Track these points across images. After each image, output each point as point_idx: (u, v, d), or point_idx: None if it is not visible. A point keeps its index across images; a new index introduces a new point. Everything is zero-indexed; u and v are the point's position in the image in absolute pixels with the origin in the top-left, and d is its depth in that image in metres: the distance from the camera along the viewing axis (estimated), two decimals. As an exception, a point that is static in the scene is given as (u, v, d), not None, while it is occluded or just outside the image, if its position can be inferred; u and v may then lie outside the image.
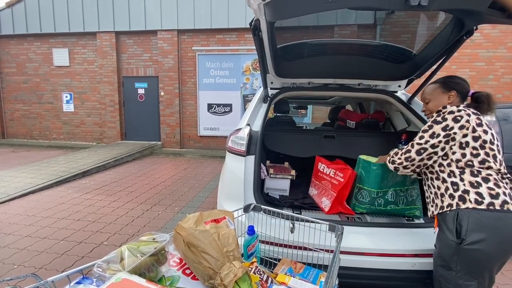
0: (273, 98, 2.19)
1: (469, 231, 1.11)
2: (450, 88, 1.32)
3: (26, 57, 8.46)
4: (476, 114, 1.23)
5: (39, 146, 8.20)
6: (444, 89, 1.33)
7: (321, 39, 1.99)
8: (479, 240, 1.10)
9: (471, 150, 1.19)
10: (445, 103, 1.32)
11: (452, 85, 1.33)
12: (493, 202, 1.12)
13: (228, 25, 7.21)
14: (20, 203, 3.66)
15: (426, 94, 1.39)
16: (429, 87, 1.40)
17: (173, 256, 0.89)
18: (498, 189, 1.14)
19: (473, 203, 1.13)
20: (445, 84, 1.34)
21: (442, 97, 1.33)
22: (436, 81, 1.41)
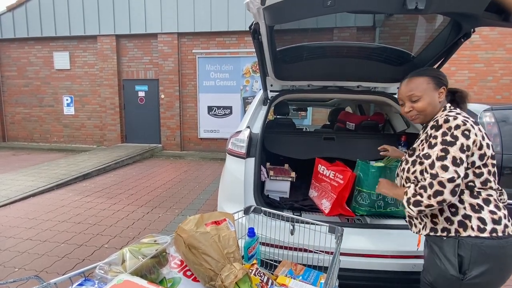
0: (273, 101, 2.20)
1: (472, 264, 0.98)
2: (441, 84, 1.10)
3: (27, 60, 8.50)
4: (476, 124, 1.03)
5: (39, 149, 8.22)
6: (435, 85, 1.10)
7: (320, 42, 2.01)
8: (482, 272, 0.97)
9: (474, 170, 1.02)
10: (436, 101, 1.10)
11: (443, 80, 1.11)
12: (495, 228, 0.99)
13: (228, 28, 7.25)
14: (21, 206, 3.67)
15: (415, 90, 1.10)
16: (416, 81, 1.11)
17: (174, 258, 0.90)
18: (499, 212, 1.01)
19: (476, 231, 0.98)
20: (436, 80, 1.10)
21: (434, 95, 1.10)
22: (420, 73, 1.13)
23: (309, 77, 2.19)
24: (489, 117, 2.75)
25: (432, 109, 1.11)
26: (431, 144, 1.01)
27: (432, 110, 1.11)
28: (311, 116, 7.51)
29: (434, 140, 1.00)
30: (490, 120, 2.73)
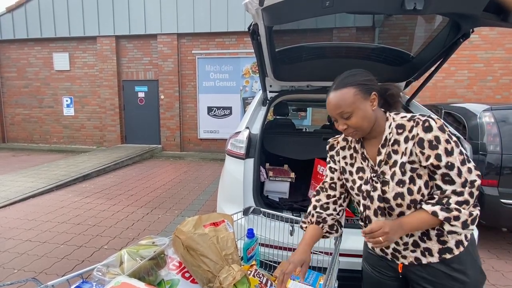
0: (272, 101, 2.20)
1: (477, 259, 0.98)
2: (369, 90, 0.92)
3: (27, 61, 8.51)
4: None
5: (39, 150, 8.21)
6: (364, 94, 0.91)
7: (320, 42, 2.01)
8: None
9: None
10: (370, 112, 0.92)
11: (371, 85, 0.93)
12: None
13: (228, 28, 7.26)
14: (21, 207, 3.67)
15: (343, 107, 0.90)
16: (342, 95, 0.91)
17: (173, 260, 0.89)
18: None
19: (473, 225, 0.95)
20: (362, 87, 0.91)
21: (366, 105, 0.91)
22: (344, 84, 0.92)
23: (308, 78, 2.19)
24: (488, 117, 2.75)
25: (368, 122, 0.92)
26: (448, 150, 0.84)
27: (370, 122, 0.93)
28: (311, 117, 7.52)
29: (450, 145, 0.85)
30: (490, 120, 2.73)
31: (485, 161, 2.64)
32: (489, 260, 2.51)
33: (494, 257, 2.57)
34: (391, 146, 0.92)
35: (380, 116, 0.95)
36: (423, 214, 0.86)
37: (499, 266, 2.41)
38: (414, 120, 0.89)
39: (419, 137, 0.86)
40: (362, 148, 1.00)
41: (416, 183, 0.89)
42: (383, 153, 0.93)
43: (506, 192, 2.55)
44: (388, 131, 0.93)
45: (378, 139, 0.96)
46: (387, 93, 0.98)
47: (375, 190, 0.95)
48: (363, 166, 1.00)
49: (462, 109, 3.15)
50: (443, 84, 6.97)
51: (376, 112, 0.94)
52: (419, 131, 0.86)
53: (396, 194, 0.91)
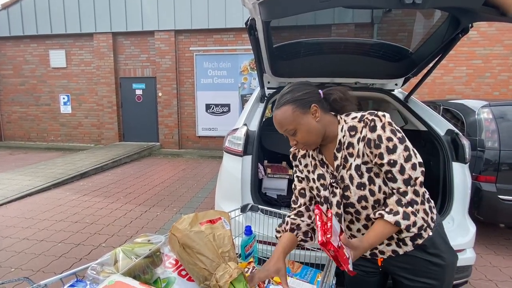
0: (270, 98, 2.19)
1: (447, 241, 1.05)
2: (307, 104, 0.91)
3: (23, 58, 8.43)
4: None
5: (36, 148, 8.17)
6: (302, 109, 0.90)
7: (318, 38, 1.99)
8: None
9: None
10: (313, 124, 0.91)
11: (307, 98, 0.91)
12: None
13: (225, 25, 7.21)
14: (18, 206, 3.65)
15: (285, 125, 0.91)
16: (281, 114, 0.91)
17: (169, 258, 0.88)
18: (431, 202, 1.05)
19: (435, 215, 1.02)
20: (298, 103, 0.90)
21: (307, 119, 0.90)
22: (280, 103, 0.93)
23: (306, 74, 2.17)
24: (486, 113, 2.75)
25: (315, 134, 0.91)
26: (389, 148, 0.84)
27: (318, 134, 0.92)
28: (310, 114, 7.50)
29: (391, 143, 0.84)
30: (488, 116, 2.73)
31: (483, 157, 2.64)
32: (486, 255, 2.52)
33: (491, 252, 2.58)
34: (346, 149, 0.92)
35: (330, 122, 0.94)
36: (382, 227, 0.85)
37: (497, 262, 2.43)
38: (363, 120, 0.89)
39: (367, 138, 0.87)
40: (320, 154, 1.00)
41: (376, 183, 0.89)
42: (339, 157, 0.93)
43: (504, 188, 2.56)
44: (341, 134, 0.92)
45: (333, 143, 0.95)
46: (330, 100, 0.96)
47: (334, 196, 0.96)
48: (323, 173, 0.99)
49: (460, 105, 3.14)
50: (441, 80, 6.97)
51: (323, 121, 0.92)
52: (367, 131, 0.87)
53: (359, 197, 0.91)
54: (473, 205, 2.63)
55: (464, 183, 1.71)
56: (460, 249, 1.57)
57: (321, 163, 0.99)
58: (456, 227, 1.64)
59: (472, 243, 1.60)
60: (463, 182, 1.71)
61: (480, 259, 2.44)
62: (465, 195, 1.71)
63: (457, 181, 1.70)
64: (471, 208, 2.67)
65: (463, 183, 1.71)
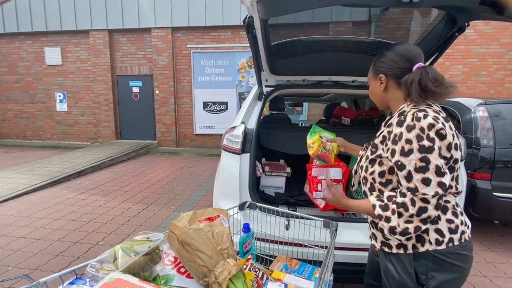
0: (267, 96, 2.19)
1: (429, 274, 0.90)
2: (377, 72, 0.96)
3: (18, 56, 8.33)
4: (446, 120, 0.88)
5: (32, 146, 8.10)
6: (374, 73, 0.98)
7: (315, 36, 1.99)
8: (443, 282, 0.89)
9: None
10: (378, 92, 0.98)
11: (380, 67, 0.95)
12: (452, 238, 0.88)
13: (223, 22, 7.17)
14: (14, 204, 3.62)
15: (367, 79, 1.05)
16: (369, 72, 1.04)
17: (168, 255, 0.89)
18: (456, 220, 0.91)
19: (434, 245, 0.88)
20: (374, 67, 0.99)
21: (375, 84, 0.98)
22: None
23: (304, 72, 2.17)
24: (482, 111, 2.78)
25: (377, 98, 1.02)
26: (404, 150, 0.81)
27: (379, 100, 1.02)
28: (307, 112, 7.52)
29: (408, 146, 0.80)
30: (484, 114, 2.75)
31: (478, 155, 2.67)
32: (481, 252, 2.56)
33: (486, 249, 2.62)
34: (387, 127, 0.94)
35: (397, 98, 0.96)
36: (366, 202, 0.94)
37: (491, 258, 2.46)
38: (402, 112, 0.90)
39: (392, 128, 0.88)
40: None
41: (374, 166, 0.94)
42: (379, 131, 0.99)
43: (499, 186, 2.59)
44: (394, 115, 0.95)
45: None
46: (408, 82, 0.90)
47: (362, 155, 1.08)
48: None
49: (456, 103, 3.17)
50: (438, 79, 7.00)
51: (389, 93, 0.97)
52: (395, 122, 0.88)
53: (361, 166, 1.02)
54: (468, 202, 2.66)
55: (460, 180, 1.73)
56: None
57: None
58: (452, 224, 1.65)
59: (467, 240, 1.62)
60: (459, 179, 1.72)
61: (475, 255, 2.48)
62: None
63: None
64: (466, 205, 2.70)
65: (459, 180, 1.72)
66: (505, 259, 2.44)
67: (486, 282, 2.12)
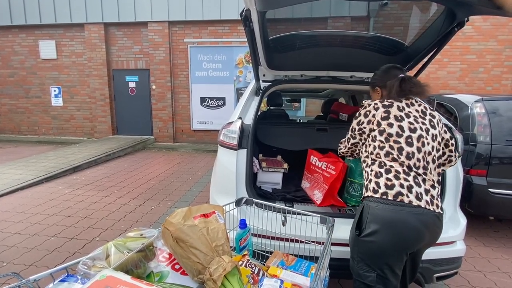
0: (265, 91, 2.16)
1: (367, 223, 1.15)
2: (374, 86, 1.43)
3: (11, 49, 8.18)
4: (386, 106, 1.25)
5: (27, 141, 8.01)
6: (372, 88, 1.45)
7: (313, 30, 1.97)
8: (373, 232, 1.13)
9: (378, 143, 1.23)
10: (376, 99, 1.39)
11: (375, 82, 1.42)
12: (386, 192, 1.14)
13: (220, 16, 7.08)
14: (9, 200, 3.59)
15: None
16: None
17: (162, 252, 0.88)
18: (396, 181, 1.15)
19: (371, 192, 1.18)
20: (371, 84, 1.45)
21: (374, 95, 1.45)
22: None
23: (302, 67, 2.15)
24: (479, 108, 2.78)
25: None
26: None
27: None
28: (305, 107, 7.50)
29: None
30: (481, 111, 2.76)
31: (475, 151, 2.68)
32: (476, 247, 2.59)
33: (481, 244, 2.65)
34: None
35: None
36: None
37: (485, 253, 2.49)
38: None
39: None
40: None
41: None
42: None
43: (494, 182, 2.61)
44: None
45: None
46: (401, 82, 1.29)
47: None
48: None
49: (454, 100, 3.17)
50: (435, 75, 7.01)
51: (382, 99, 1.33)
52: None
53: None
54: (464, 198, 2.67)
55: (456, 177, 1.73)
56: (451, 241, 1.60)
57: None
58: (448, 220, 1.66)
59: (462, 236, 1.63)
60: (455, 176, 1.73)
61: (470, 251, 2.50)
62: (457, 189, 1.73)
63: (449, 174, 1.72)
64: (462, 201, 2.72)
65: (455, 177, 1.73)
66: (499, 255, 2.47)
67: (480, 277, 2.15)
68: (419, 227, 1.11)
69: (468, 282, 2.08)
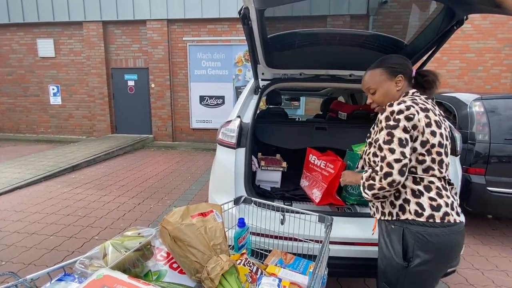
0: (264, 89, 2.15)
1: (415, 251, 1.02)
2: (396, 73, 1.12)
3: (9, 48, 8.14)
4: (424, 110, 1.03)
5: (26, 140, 7.99)
6: (389, 75, 1.12)
7: (312, 29, 1.96)
8: (426, 261, 1.01)
9: (417, 156, 1.04)
10: (393, 91, 1.12)
11: (398, 68, 1.12)
12: (433, 214, 1.00)
13: (220, 14, 7.06)
14: (7, 199, 3.58)
15: (370, 83, 1.16)
16: (370, 74, 1.17)
17: (160, 251, 0.88)
18: (440, 200, 1.02)
19: (413, 215, 1.02)
20: (389, 69, 1.12)
21: (389, 85, 1.12)
22: (376, 65, 1.17)
23: (301, 65, 2.15)
24: (478, 106, 2.78)
25: (389, 99, 1.13)
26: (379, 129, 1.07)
27: (391, 99, 1.12)
28: (304, 106, 7.49)
29: (380, 125, 1.06)
30: (480, 109, 2.76)
31: (473, 150, 2.68)
32: (474, 245, 2.60)
33: (479, 242, 2.65)
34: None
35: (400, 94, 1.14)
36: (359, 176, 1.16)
37: (484, 252, 2.50)
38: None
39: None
40: None
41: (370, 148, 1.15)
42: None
43: (493, 180, 2.61)
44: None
45: None
46: (423, 79, 1.13)
47: None
48: None
49: (452, 98, 3.17)
50: (435, 74, 7.00)
51: (401, 91, 1.13)
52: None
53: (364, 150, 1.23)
54: (463, 196, 2.68)
55: (455, 176, 1.73)
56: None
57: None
58: (446, 218, 1.66)
59: (460, 234, 1.63)
60: (454, 175, 1.73)
61: (468, 249, 2.51)
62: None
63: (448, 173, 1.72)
64: (461, 200, 2.73)
65: (454, 176, 1.73)
66: (497, 253, 2.48)
67: (478, 275, 2.15)
68: (462, 243, 1.07)
69: (466, 280, 2.09)
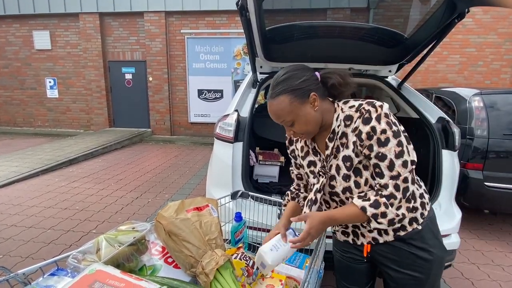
0: (262, 83, 2.13)
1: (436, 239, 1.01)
2: (306, 93, 0.85)
3: (5, 40, 8.01)
4: None
5: (23, 133, 7.94)
6: (300, 99, 0.85)
7: (312, 21, 1.92)
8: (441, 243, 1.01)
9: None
10: (313, 113, 0.87)
11: (306, 87, 0.85)
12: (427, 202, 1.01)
13: (218, 7, 6.95)
14: (5, 192, 3.57)
15: (283, 116, 0.87)
16: (278, 105, 0.86)
17: (155, 245, 0.87)
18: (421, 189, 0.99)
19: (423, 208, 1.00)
20: (297, 92, 0.85)
21: (306, 109, 0.86)
22: (278, 92, 0.86)
23: (299, 59, 2.10)
24: (477, 101, 2.77)
25: (314, 124, 0.88)
26: (380, 141, 0.81)
27: (316, 123, 0.89)
28: (303, 101, 7.45)
29: (384, 135, 0.81)
30: (479, 104, 2.74)
31: (472, 145, 2.68)
32: (470, 240, 2.62)
33: (475, 237, 2.68)
34: (339, 139, 0.88)
35: (327, 109, 0.90)
36: (352, 208, 0.84)
37: (479, 246, 2.52)
38: (359, 110, 0.84)
39: (359, 129, 0.83)
40: (313, 142, 0.98)
41: (363, 175, 0.87)
42: (330, 147, 0.90)
43: (490, 176, 2.62)
44: (336, 123, 0.89)
45: (327, 131, 0.92)
46: (328, 85, 0.90)
47: (317, 183, 0.94)
48: (314, 160, 0.98)
49: (452, 93, 3.15)
50: (434, 68, 6.97)
51: (320, 109, 0.88)
52: (360, 123, 0.83)
53: (344, 188, 0.90)
54: (460, 191, 2.69)
55: (453, 170, 1.73)
56: (446, 234, 1.61)
57: (313, 151, 0.98)
58: (443, 213, 1.67)
59: (457, 228, 1.64)
60: (451, 169, 1.73)
61: (464, 244, 2.53)
62: (453, 182, 1.73)
63: (446, 168, 1.72)
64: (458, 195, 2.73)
65: (452, 170, 1.73)
66: (493, 247, 2.50)
67: (474, 269, 2.18)
68: None
69: (461, 274, 2.11)
